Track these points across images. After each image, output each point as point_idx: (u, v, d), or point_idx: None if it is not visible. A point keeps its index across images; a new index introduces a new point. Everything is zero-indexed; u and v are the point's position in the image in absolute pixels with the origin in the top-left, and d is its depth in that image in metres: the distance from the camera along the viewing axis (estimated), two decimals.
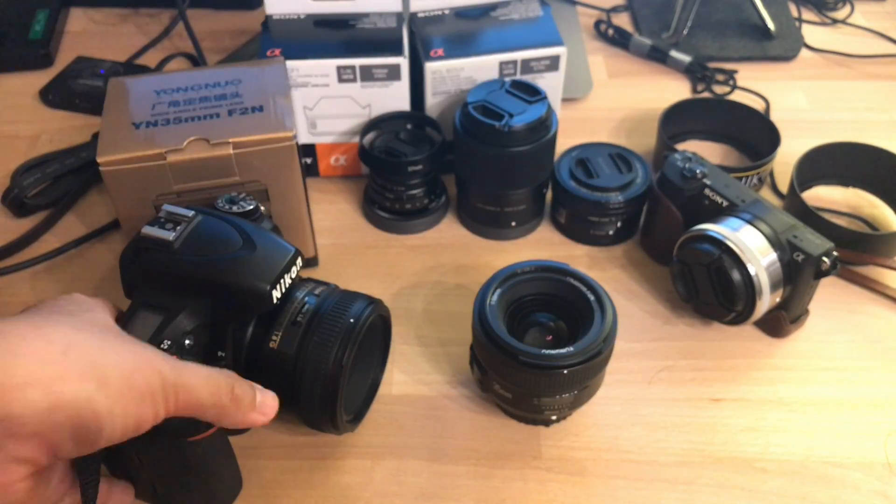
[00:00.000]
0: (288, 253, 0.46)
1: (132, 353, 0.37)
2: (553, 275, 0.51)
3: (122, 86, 0.59)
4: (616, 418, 0.53)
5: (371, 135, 0.66)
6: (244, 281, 0.44)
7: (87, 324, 0.38)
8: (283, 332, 0.46)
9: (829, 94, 0.81)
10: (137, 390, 0.36)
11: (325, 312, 0.46)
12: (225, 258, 0.45)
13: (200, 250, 0.45)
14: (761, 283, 0.53)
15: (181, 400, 0.38)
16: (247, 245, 0.45)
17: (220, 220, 0.47)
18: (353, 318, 0.46)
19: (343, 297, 0.47)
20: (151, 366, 0.37)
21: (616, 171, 0.64)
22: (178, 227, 0.46)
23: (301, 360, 0.45)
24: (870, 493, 0.49)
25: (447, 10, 0.69)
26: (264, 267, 0.45)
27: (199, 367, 0.40)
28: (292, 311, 0.46)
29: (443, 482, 0.50)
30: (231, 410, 0.41)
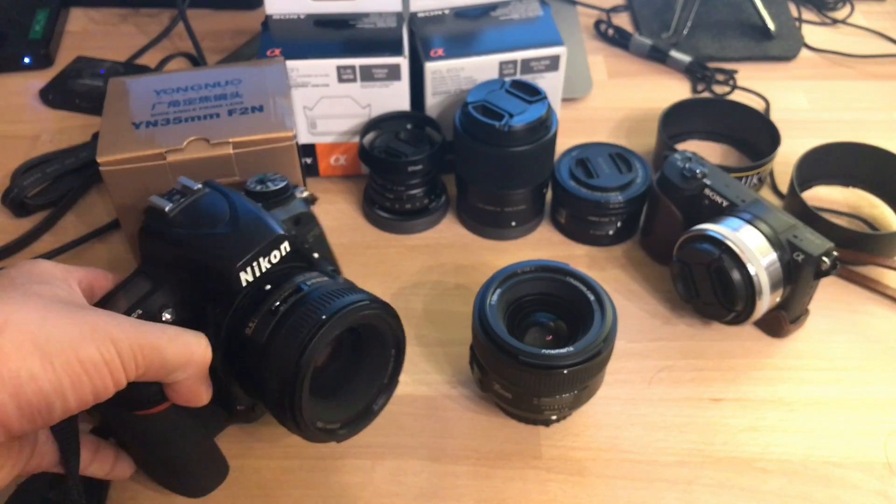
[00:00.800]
0: (269, 235, 0.44)
1: (79, 323, 0.36)
2: (553, 275, 0.51)
3: (122, 86, 0.59)
4: (616, 418, 0.53)
5: (371, 135, 0.66)
6: (212, 259, 0.43)
7: (32, 297, 0.37)
8: (260, 319, 0.43)
9: (829, 94, 0.81)
10: (88, 361, 0.35)
11: (306, 303, 0.42)
12: (202, 234, 0.44)
13: (188, 224, 0.44)
14: (761, 283, 0.53)
15: (145, 362, 0.38)
16: (231, 223, 0.44)
17: (223, 196, 0.46)
18: (332, 311, 0.41)
19: (335, 290, 0.43)
20: (103, 333, 0.36)
21: (616, 170, 0.64)
22: (180, 199, 0.45)
23: (268, 351, 0.42)
24: (869, 492, 0.49)
25: (447, 10, 0.69)
26: (237, 247, 0.43)
27: (167, 327, 0.40)
28: (276, 297, 0.43)
29: (443, 482, 0.50)
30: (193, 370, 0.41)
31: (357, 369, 0.47)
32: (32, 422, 0.35)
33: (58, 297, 0.38)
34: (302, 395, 0.41)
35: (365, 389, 0.47)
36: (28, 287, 0.38)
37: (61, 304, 0.37)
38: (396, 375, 0.48)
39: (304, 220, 0.50)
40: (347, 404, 0.46)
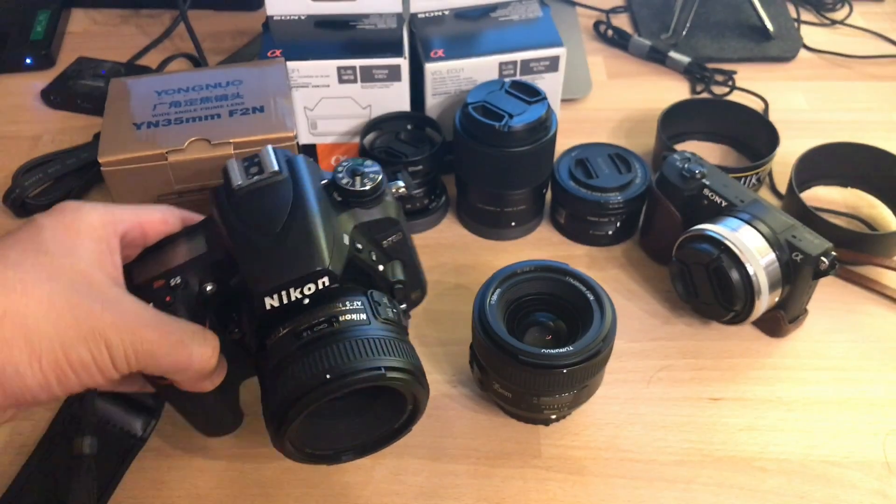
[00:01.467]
0: (308, 267, 0.40)
1: (80, 321, 0.36)
2: (553, 275, 0.51)
3: (123, 86, 0.59)
4: (615, 417, 0.53)
5: (371, 135, 0.66)
6: (245, 270, 0.41)
7: (45, 279, 0.36)
8: (284, 336, 0.41)
9: (828, 94, 0.81)
10: (78, 362, 0.36)
11: (328, 345, 0.40)
12: (248, 234, 0.41)
13: (245, 213, 0.41)
14: (760, 283, 0.53)
15: (139, 365, 0.38)
16: (280, 236, 0.40)
17: (294, 191, 0.42)
18: (338, 374, 0.39)
19: (364, 339, 0.40)
20: (99, 336, 0.36)
21: (615, 171, 0.64)
22: (253, 176, 0.42)
23: (276, 373, 0.40)
24: (868, 492, 0.49)
25: (447, 11, 0.69)
26: (270, 271, 0.40)
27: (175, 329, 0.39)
28: (307, 321, 0.41)
29: (443, 481, 0.50)
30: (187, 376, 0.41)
31: (369, 407, 0.45)
32: (18, 405, 0.36)
33: (76, 277, 0.37)
34: (287, 433, 0.40)
35: (367, 429, 0.45)
36: (50, 261, 0.37)
37: (73, 290, 0.37)
38: (406, 429, 0.46)
39: (385, 225, 0.46)
40: (347, 434, 0.45)
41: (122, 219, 0.41)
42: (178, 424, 0.50)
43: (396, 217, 0.46)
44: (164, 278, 0.42)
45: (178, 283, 0.41)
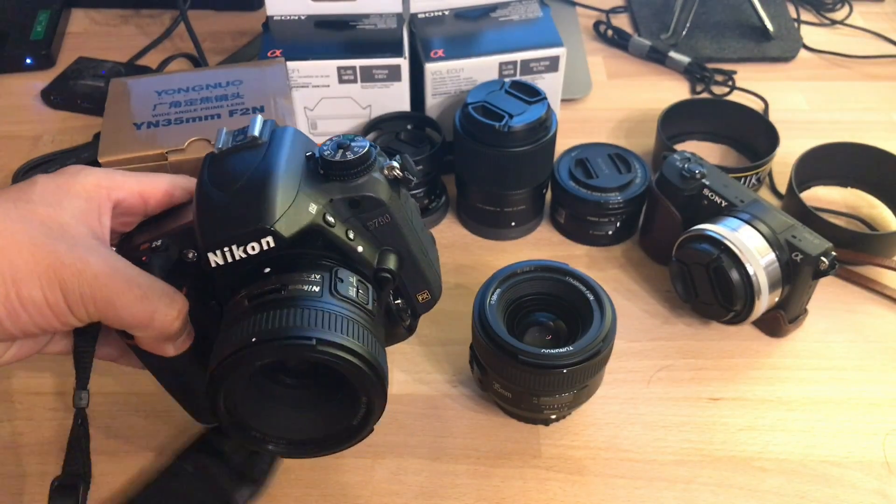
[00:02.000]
0: (250, 224, 0.38)
1: (38, 259, 0.36)
2: (552, 275, 0.51)
3: (123, 86, 0.60)
4: (615, 417, 0.53)
5: (371, 135, 0.66)
6: (197, 228, 0.39)
7: (16, 220, 0.36)
8: (240, 298, 0.39)
9: (828, 94, 0.81)
10: (28, 300, 0.36)
11: (266, 310, 0.38)
12: (208, 192, 0.40)
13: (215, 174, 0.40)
14: (760, 283, 0.53)
15: (98, 314, 0.38)
16: (235, 192, 0.39)
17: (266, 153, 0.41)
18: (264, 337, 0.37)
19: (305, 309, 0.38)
20: (54, 277, 0.36)
21: (615, 171, 0.64)
22: (239, 139, 0.42)
23: (220, 336, 0.39)
24: (868, 492, 0.49)
25: (447, 11, 0.69)
26: (213, 225, 0.39)
27: (142, 284, 0.38)
28: (264, 286, 0.39)
29: (443, 481, 0.50)
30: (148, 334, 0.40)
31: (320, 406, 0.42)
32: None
33: (51, 223, 0.37)
34: (218, 399, 0.38)
35: (312, 427, 0.42)
36: (30, 209, 0.37)
37: (43, 232, 0.37)
38: (351, 438, 0.41)
39: (368, 204, 0.42)
40: (287, 424, 0.41)
41: (121, 185, 0.41)
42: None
43: (382, 198, 0.42)
44: (149, 242, 0.41)
45: (158, 245, 0.41)
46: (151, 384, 0.49)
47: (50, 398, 0.54)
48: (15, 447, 0.52)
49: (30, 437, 0.52)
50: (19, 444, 0.52)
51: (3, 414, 0.54)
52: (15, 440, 0.52)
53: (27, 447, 0.52)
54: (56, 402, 0.54)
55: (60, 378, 0.56)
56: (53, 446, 0.52)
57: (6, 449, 0.52)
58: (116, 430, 0.53)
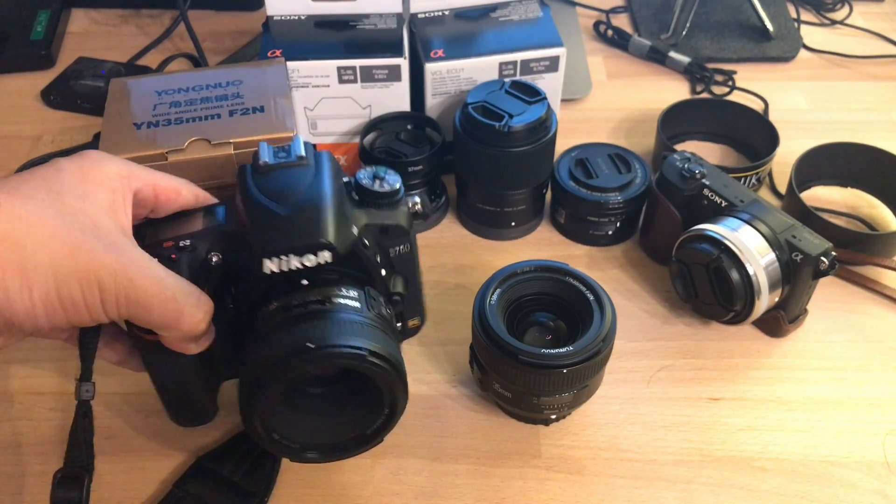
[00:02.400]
0: (313, 238, 0.41)
1: (77, 258, 0.36)
2: (552, 274, 0.51)
3: (123, 86, 0.60)
4: (615, 417, 0.53)
5: (371, 135, 0.66)
6: (252, 233, 0.42)
7: (52, 215, 0.37)
8: (276, 309, 0.42)
9: (828, 94, 0.81)
10: (68, 298, 0.36)
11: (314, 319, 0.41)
12: (263, 203, 0.42)
13: (267, 188, 0.43)
14: (760, 283, 0.53)
15: (128, 313, 0.38)
16: (293, 207, 0.42)
17: (316, 175, 0.43)
18: (322, 344, 0.39)
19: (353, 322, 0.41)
20: (93, 277, 0.36)
21: (615, 171, 0.64)
22: (281, 158, 0.44)
23: (260, 343, 0.41)
24: (868, 492, 0.49)
25: (447, 11, 0.69)
26: (275, 235, 0.41)
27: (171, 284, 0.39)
28: (301, 297, 0.42)
29: (443, 481, 0.50)
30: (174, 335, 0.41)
31: (345, 406, 0.45)
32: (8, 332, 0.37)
33: (84, 220, 0.38)
34: (259, 400, 0.40)
35: (342, 430, 0.45)
36: (61, 200, 0.37)
37: (79, 228, 0.37)
38: (382, 434, 0.45)
39: (395, 232, 0.47)
40: (320, 431, 0.45)
41: (139, 176, 0.42)
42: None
43: (407, 227, 0.47)
44: (175, 241, 0.43)
45: (186, 245, 0.43)
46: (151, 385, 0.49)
47: (50, 398, 0.54)
48: (15, 447, 0.52)
49: (30, 437, 0.52)
50: (19, 444, 0.52)
51: (3, 414, 0.54)
52: (15, 440, 0.52)
53: (27, 447, 0.52)
54: (56, 402, 0.54)
55: (60, 378, 0.56)
56: (54, 446, 0.52)
57: (6, 449, 0.52)
58: (117, 430, 0.53)
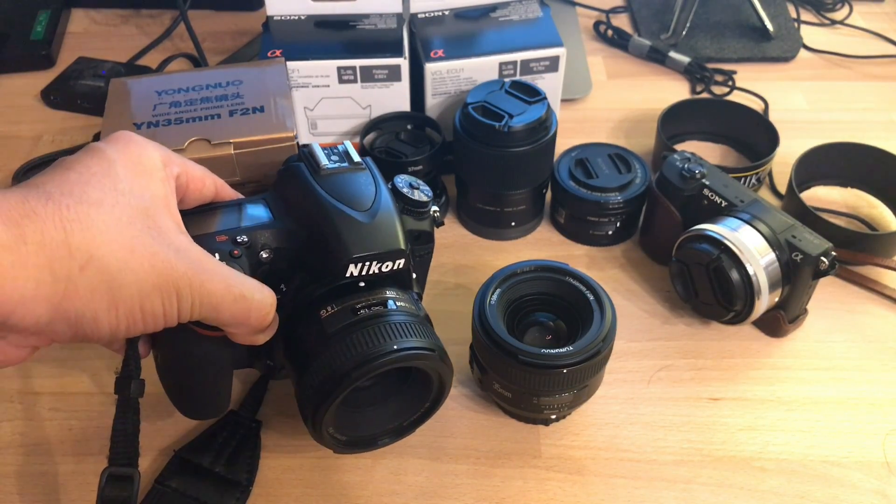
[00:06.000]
0: (395, 245, 0.44)
1: (157, 268, 0.36)
2: (552, 275, 0.51)
3: (123, 86, 0.60)
4: (615, 417, 0.53)
5: (371, 135, 0.66)
6: (334, 237, 0.43)
7: (126, 223, 0.36)
8: (340, 310, 0.43)
9: (828, 94, 0.81)
10: (150, 311, 0.36)
11: (385, 322, 0.43)
12: (339, 207, 0.44)
13: (334, 190, 0.44)
14: (760, 283, 0.53)
15: (201, 314, 0.39)
16: (370, 213, 0.44)
17: (374, 182, 0.46)
18: (403, 346, 0.42)
19: (415, 322, 0.44)
20: (173, 286, 0.37)
21: (615, 171, 0.64)
22: (337, 162, 0.46)
23: (329, 344, 0.42)
24: (868, 491, 0.49)
25: (447, 11, 0.69)
26: (362, 240, 0.43)
27: (238, 282, 0.40)
28: (364, 300, 0.44)
29: (443, 481, 0.50)
30: (243, 330, 0.42)
31: (391, 398, 0.47)
32: (80, 341, 0.37)
33: (149, 223, 0.37)
34: (334, 401, 0.42)
35: (386, 420, 0.48)
36: (127, 202, 0.37)
37: (150, 237, 0.37)
38: (421, 422, 0.49)
39: (424, 238, 0.50)
40: (364, 424, 0.47)
41: (176, 162, 0.42)
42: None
43: (432, 234, 0.50)
44: (228, 235, 0.43)
45: (244, 240, 0.43)
46: (152, 385, 0.48)
47: (50, 398, 0.54)
48: (15, 447, 0.52)
49: (30, 437, 0.52)
50: (19, 444, 0.52)
51: (2, 414, 0.54)
52: (15, 440, 0.52)
53: (27, 447, 0.52)
54: (56, 402, 0.54)
55: (60, 378, 0.56)
56: (54, 446, 0.52)
57: (6, 449, 0.52)
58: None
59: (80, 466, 0.51)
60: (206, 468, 0.49)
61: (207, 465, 0.49)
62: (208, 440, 0.50)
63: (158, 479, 0.49)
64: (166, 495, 0.48)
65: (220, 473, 0.49)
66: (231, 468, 0.49)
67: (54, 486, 0.50)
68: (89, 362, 0.56)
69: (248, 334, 0.42)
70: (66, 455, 0.51)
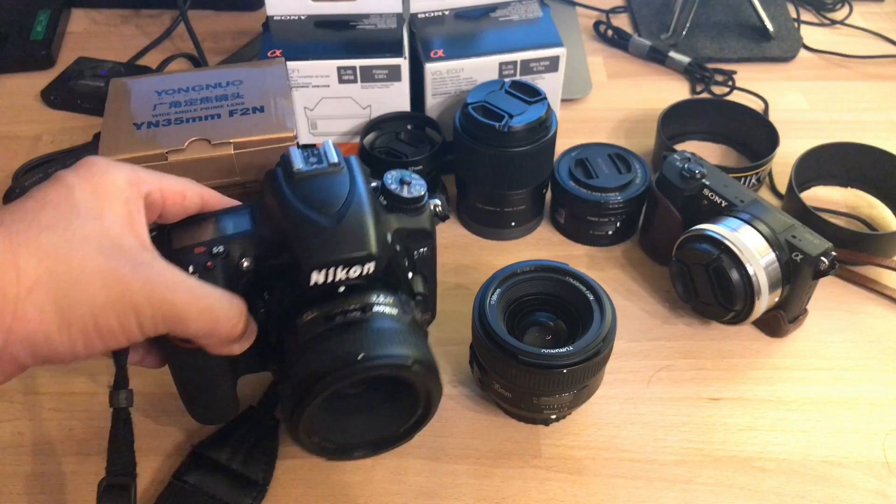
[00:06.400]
0: (359, 249, 0.42)
1: (109, 286, 0.36)
2: (552, 274, 0.51)
3: (123, 86, 0.59)
4: (615, 417, 0.53)
5: (371, 135, 0.66)
6: (296, 244, 0.42)
7: (77, 244, 0.36)
8: (316, 317, 0.42)
9: (828, 94, 0.81)
10: (105, 328, 0.36)
11: (359, 329, 0.42)
12: (304, 213, 0.42)
13: (303, 195, 0.43)
14: (760, 283, 0.53)
15: (165, 327, 0.38)
16: (336, 217, 0.42)
17: (351, 182, 0.44)
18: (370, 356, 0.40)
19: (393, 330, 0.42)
20: (128, 302, 0.36)
21: (615, 171, 0.64)
22: (313, 164, 0.44)
23: (304, 351, 0.42)
24: (868, 492, 0.49)
25: (447, 11, 0.69)
26: (323, 247, 0.42)
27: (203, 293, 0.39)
28: (341, 306, 0.42)
29: (443, 481, 0.50)
30: (213, 342, 0.41)
31: (381, 406, 0.46)
32: (45, 364, 0.37)
33: (106, 242, 0.37)
34: (307, 408, 0.41)
35: (376, 428, 0.46)
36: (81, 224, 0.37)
37: (104, 255, 0.37)
38: (414, 432, 0.46)
39: (420, 236, 0.48)
40: (354, 431, 0.46)
41: (146, 180, 0.41)
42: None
43: (431, 230, 0.48)
44: (206, 246, 0.43)
45: (220, 251, 0.43)
46: (154, 386, 0.49)
47: (50, 398, 0.54)
48: (15, 447, 0.52)
49: (30, 437, 0.52)
50: (19, 444, 0.52)
51: (3, 414, 0.54)
52: (15, 440, 0.52)
53: (27, 447, 0.52)
54: (56, 402, 0.54)
55: (60, 378, 0.56)
56: (54, 446, 0.52)
57: (6, 449, 0.52)
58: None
59: (81, 466, 0.51)
60: (223, 464, 0.49)
61: (224, 461, 0.49)
62: (226, 436, 0.50)
63: (176, 474, 0.49)
64: (183, 491, 0.48)
65: (237, 471, 0.49)
66: (248, 465, 0.49)
67: (55, 486, 0.50)
68: (90, 363, 0.56)
69: (220, 345, 0.42)
70: (67, 455, 0.51)
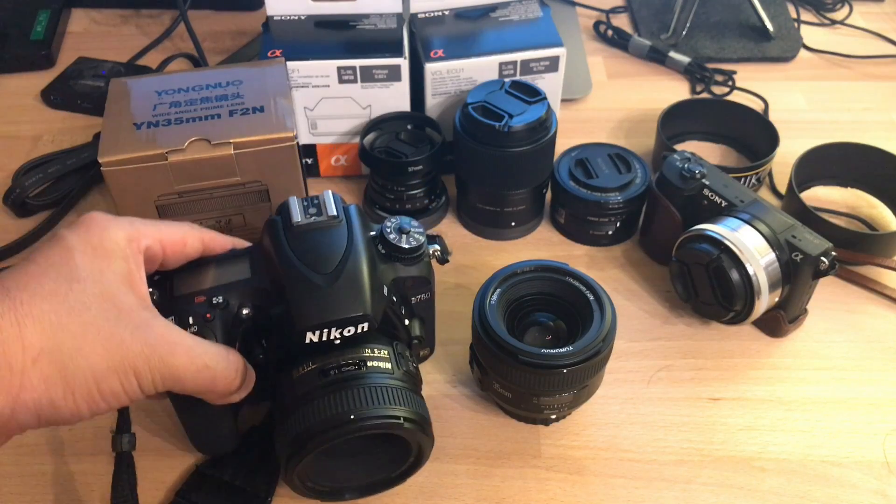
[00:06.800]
0: (353, 310, 0.42)
1: (111, 351, 0.37)
2: (552, 274, 0.51)
3: (123, 86, 0.59)
4: (615, 417, 0.53)
5: (371, 135, 0.66)
6: (293, 303, 0.42)
7: (79, 310, 0.37)
8: (311, 371, 0.43)
9: (828, 94, 0.81)
10: (109, 391, 0.37)
11: (354, 387, 0.42)
12: (300, 271, 0.43)
13: (301, 250, 0.43)
14: (760, 283, 0.53)
15: (164, 387, 0.39)
16: (332, 277, 0.43)
17: (348, 237, 0.45)
18: (362, 416, 0.41)
19: (387, 387, 0.43)
20: (129, 366, 0.37)
21: (615, 171, 0.64)
22: (312, 216, 0.45)
23: (298, 405, 0.42)
24: (868, 492, 0.49)
25: (447, 11, 0.69)
26: (317, 309, 0.42)
27: (200, 349, 0.40)
28: (335, 360, 0.43)
29: (443, 481, 0.50)
30: (212, 396, 0.42)
31: (373, 452, 0.47)
32: (50, 426, 0.38)
33: (106, 305, 0.38)
34: (300, 463, 0.42)
35: (369, 473, 0.47)
36: (82, 289, 0.37)
37: (105, 319, 0.37)
38: (405, 478, 0.48)
39: (419, 283, 0.48)
40: (346, 475, 0.47)
41: (145, 234, 0.42)
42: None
43: (429, 277, 0.49)
44: (206, 295, 0.43)
45: (219, 302, 0.43)
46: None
47: None
48: (14, 447, 0.52)
49: (29, 437, 0.52)
50: (19, 444, 0.52)
51: None
52: (14, 440, 0.52)
53: (27, 447, 0.52)
54: None
55: None
56: (53, 446, 0.52)
57: (6, 448, 0.51)
58: None
59: (81, 466, 0.51)
60: (227, 482, 0.49)
61: (227, 478, 0.49)
62: (229, 456, 0.50)
63: (179, 492, 0.49)
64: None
65: (240, 486, 0.49)
66: (251, 480, 0.49)
67: (55, 487, 0.50)
68: None
69: (218, 399, 0.43)
70: (67, 455, 0.51)
